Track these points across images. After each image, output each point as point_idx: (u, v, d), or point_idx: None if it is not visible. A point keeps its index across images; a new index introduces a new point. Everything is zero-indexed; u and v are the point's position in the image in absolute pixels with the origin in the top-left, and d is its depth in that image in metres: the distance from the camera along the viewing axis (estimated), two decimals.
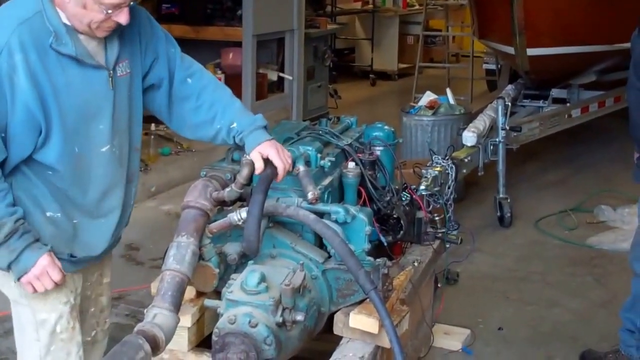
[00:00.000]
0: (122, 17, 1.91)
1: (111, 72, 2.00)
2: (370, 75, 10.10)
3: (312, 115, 6.54)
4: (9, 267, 1.92)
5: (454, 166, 3.55)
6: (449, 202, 3.32)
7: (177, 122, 2.27)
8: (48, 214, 1.98)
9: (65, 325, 2.08)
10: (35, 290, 1.96)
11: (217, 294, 2.28)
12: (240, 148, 2.29)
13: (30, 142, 1.90)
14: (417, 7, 10.60)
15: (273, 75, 6.57)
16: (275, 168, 2.19)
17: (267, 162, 2.18)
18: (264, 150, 2.18)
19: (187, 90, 2.21)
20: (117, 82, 2.02)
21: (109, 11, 1.87)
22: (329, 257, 2.34)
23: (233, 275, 2.20)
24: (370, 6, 10.52)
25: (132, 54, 2.07)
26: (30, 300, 2.02)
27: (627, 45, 3.44)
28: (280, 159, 2.18)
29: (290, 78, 6.64)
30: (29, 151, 1.91)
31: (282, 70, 6.66)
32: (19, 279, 1.93)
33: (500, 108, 4.78)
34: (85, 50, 1.93)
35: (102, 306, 2.34)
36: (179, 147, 5.59)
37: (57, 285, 1.98)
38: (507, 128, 4.81)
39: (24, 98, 1.84)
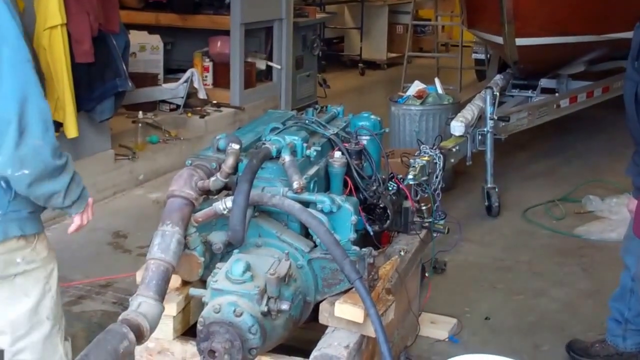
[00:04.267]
0: None
1: None
2: (360, 65, 10.07)
3: (301, 105, 6.51)
4: (76, 200, 2.03)
5: (441, 156, 3.55)
6: (437, 191, 3.31)
7: None
8: None
9: (57, 270, 2.21)
10: (80, 227, 2.12)
11: (202, 283, 2.27)
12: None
13: None
14: None
15: (261, 64, 6.54)
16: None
17: (250, 153, 2.17)
18: None
19: None
20: None
21: None
22: (315, 246, 2.34)
23: (218, 264, 2.19)
24: None
25: None
26: (42, 259, 2.13)
27: (616, 35, 3.44)
28: None
29: (279, 67, 6.61)
30: None
31: (270, 59, 6.63)
32: (76, 212, 2.07)
33: (488, 98, 4.78)
34: None
35: None
36: (166, 136, 5.56)
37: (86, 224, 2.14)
38: (496, 118, 4.82)
39: None
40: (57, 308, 2.20)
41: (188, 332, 2.35)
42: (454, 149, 4.48)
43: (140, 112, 5.42)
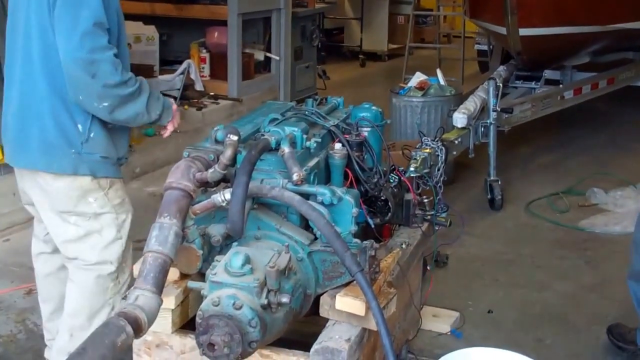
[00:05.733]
0: None
1: None
2: (360, 56, 10.02)
3: (300, 97, 6.46)
4: (162, 112, 2.48)
5: (443, 148, 3.51)
6: (439, 184, 3.28)
7: None
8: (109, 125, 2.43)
9: (130, 223, 2.52)
10: (173, 128, 2.58)
11: (201, 276, 2.24)
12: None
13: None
14: None
15: (260, 55, 6.48)
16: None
17: (249, 144, 2.16)
18: None
19: None
20: None
21: None
22: (315, 239, 2.31)
23: (217, 257, 2.16)
24: None
25: None
26: (114, 206, 2.44)
27: (622, 26, 3.40)
28: None
29: (277, 58, 6.56)
30: None
31: (268, 50, 6.57)
32: (166, 122, 2.54)
33: (491, 89, 4.73)
34: None
35: None
36: (163, 128, 5.52)
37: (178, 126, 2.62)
38: (499, 109, 4.77)
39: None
40: (122, 259, 2.48)
41: (187, 325, 2.32)
42: (456, 141, 4.45)
43: None
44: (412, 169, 3.13)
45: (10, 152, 2.49)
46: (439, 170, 3.35)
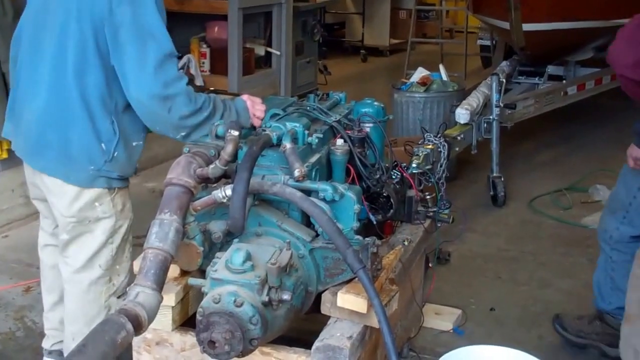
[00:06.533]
0: None
1: None
2: (361, 51, 9.99)
3: (301, 92, 6.44)
4: (238, 120, 2.38)
5: (446, 144, 3.49)
6: (441, 180, 3.26)
7: None
8: (134, 143, 2.38)
9: (129, 230, 2.46)
10: (259, 123, 2.46)
11: (201, 273, 2.23)
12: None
13: None
14: None
15: (260, 50, 6.43)
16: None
17: (250, 140, 2.14)
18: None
19: None
20: None
21: None
22: (317, 235, 2.29)
23: (218, 254, 2.14)
24: None
25: None
26: (116, 212, 2.39)
27: (625, 21, 3.37)
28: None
29: (278, 53, 6.52)
30: None
31: (269, 45, 6.52)
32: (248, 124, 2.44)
33: (494, 85, 4.71)
34: None
35: None
36: None
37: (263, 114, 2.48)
38: (502, 105, 4.75)
39: None
40: (113, 263, 2.42)
41: (187, 322, 2.31)
42: (458, 137, 4.43)
43: None
44: (414, 165, 3.11)
45: (29, 152, 2.41)
46: (441, 166, 3.33)
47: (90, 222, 2.36)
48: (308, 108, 2.61)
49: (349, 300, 2.18)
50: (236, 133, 2.25)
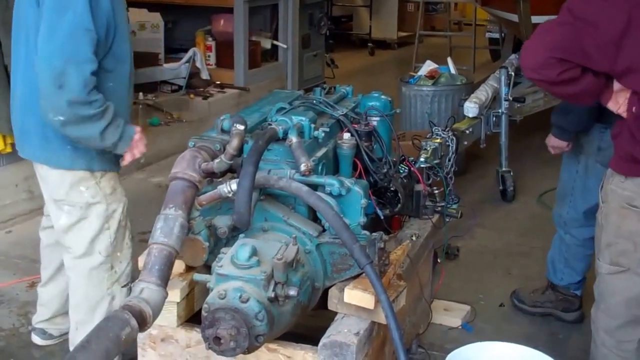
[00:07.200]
0: None
1: None
2: (369, 44, 9.94)
3: (308, 85, 6.40)
4: (117, 142, 2.34)
5: (454, 138, 3.47)
6: (449, 175, 3.24)
7: None
8: None
9: (124, 213, 2.53)
10: (132, 158, 2.43)
11: (207, 268, 2.21)
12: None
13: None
14: None
15: (267, 44, 6.42)
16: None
17: (256, 134, 2.12)
18: None
19: None
20: None
21: None
22: (323, 230, 2.27)
23: (223, 249, 2.13)
24: None
25: None
26: (105, 196, 2.45)
27: None
28: None
29: (285, 46, 6.49)
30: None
31: (276, 38, 6.50)
32: (122, 152, 2.41)
33: (503, 78, 4.68)
34: None
35: None
36: (168, 118, 5.46)
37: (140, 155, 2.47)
38: (511, 99, 4.71)
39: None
40: (113, 249, 2.49)
41: (192, 318, 2.29)
42: (467, 131, 4.40)
43: (141, 94, 5.34)
44: (422, 159, 3.08)
45: (18, 142, 2.56)
46: (449, 160, 3.31)
47: (82, 207, 2.44)
48: (314, 102, 2.59)
49: (356, 296, 2.16)
50: (242, 127, 2.24)
